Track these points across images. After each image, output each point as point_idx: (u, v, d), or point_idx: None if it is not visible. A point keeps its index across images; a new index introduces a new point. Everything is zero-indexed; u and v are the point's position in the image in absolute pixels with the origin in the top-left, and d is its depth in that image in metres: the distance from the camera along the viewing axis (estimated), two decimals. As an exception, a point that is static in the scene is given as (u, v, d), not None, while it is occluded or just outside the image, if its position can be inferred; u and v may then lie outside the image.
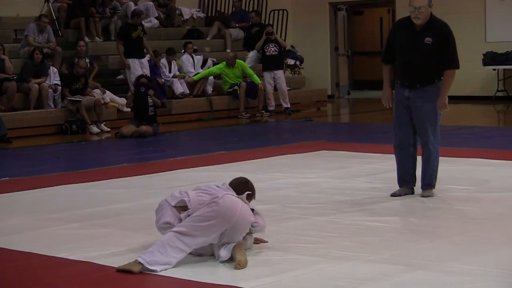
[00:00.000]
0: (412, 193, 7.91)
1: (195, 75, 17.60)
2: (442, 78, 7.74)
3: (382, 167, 9.51)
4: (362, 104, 20.80)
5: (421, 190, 7.90)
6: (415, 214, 7.23)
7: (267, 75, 17.92)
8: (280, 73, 18.08)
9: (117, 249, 6.16)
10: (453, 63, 7.71)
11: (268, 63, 18.04)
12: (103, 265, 5.71)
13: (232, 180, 6.12)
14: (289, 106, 18.03)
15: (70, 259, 5.90)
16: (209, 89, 17.87)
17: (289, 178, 9.14)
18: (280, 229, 6.63)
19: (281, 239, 6.24)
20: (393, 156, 8.05)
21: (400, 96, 7.84)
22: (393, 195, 7.85)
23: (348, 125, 17.28)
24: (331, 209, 7.42)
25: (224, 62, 17.73)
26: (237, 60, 17.78)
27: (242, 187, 6.00)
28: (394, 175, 8.07)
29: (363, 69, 23.34)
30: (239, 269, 5.46)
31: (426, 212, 7.26)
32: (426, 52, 7.64)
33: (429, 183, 7.87)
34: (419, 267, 5.42)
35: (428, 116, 7.74)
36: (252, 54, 18.81)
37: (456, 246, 6.01)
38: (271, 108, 17.83)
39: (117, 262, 5.70)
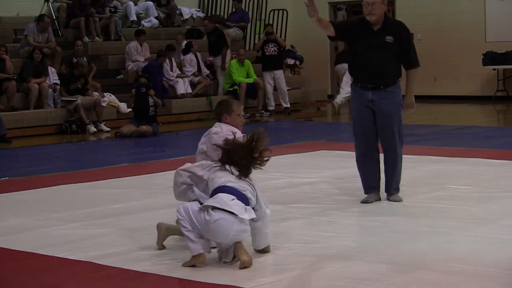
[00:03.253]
0: (380, 198, 7.70)
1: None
2: (400, 78, 7.55)
3: (381, 166, 9.48)
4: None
5: (387, 195, 7.70)
6: (414, 214, 7.22)
7: (267, 75, 17.93)
8: (279, 73, 18.09)
9: (117, 249, 6.16)
10: (416, 62, 7.57)
11: (268, 63, 18.06)
12: (103, 265, 5.71)
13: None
14: (289, 106, 18.04)
15: (70, 259, 5.90)
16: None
17: (289, 178, 9.14)
18: (280, 229, 6.63)
19: (281, 239, 6.24)
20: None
21: (363, 100, 7.55)
22: (364, 202, 7.60)
23: (348, 125, 17.19)
24: (331, 209, 7.42)
25: (235, 59, 17.78)
26: (246, 60, 17.85)
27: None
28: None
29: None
30: (243, 268, 5.45)
31: (426, 212, 7.25)
32: (388, 51, 7.44)
33: (396, 187, 7.70)
34: (419, 267, 5.42)
35: (394, 119, 7.51)
36: (218, 61, 18.47)
37: (456, 246, 6.01)
38: (271, 108, 17.83)
39: (117, 262, 5.71)
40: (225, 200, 5.52)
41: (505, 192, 8.00)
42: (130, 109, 15.41)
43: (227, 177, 5.69)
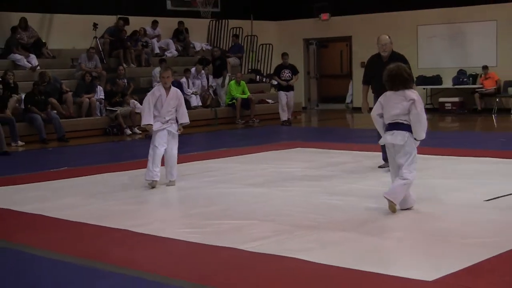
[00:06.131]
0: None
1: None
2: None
3: (343, 160, 9.49)
4: (328, 113, 20.77)
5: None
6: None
7: (282, 95, 17.05)
8: (291, 93, 17.31)
9: (148, 220, 6.12)
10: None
11: (284, 86, 17.14)
12: (138, 232, 5.65)
13: None
14: (290, 117, 17.49)
15: (113, 228, 5.87)
16: (222, 98, 17.90)
17: (274, 168, 9.11)
18: (267, 207, 6.60)
19: (267, 215, 6.20)
20: (349, 152, 7.99)
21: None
22: (380, 167, 8.13)
23: (317, 129, 17.23)
24: (305, 191, 7.36)
25: (234, 80, 17.68)
26: (241, 81, 17.79)
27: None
28: (350, 166, 8.03)
29: (328, 87, 23.31)
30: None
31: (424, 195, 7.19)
32: None
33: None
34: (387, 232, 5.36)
35: None
36: (219, 81, 18.20)
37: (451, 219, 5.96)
38: (284, 119, 16.97)
39: (150, 230, 5.66)
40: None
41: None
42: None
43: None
